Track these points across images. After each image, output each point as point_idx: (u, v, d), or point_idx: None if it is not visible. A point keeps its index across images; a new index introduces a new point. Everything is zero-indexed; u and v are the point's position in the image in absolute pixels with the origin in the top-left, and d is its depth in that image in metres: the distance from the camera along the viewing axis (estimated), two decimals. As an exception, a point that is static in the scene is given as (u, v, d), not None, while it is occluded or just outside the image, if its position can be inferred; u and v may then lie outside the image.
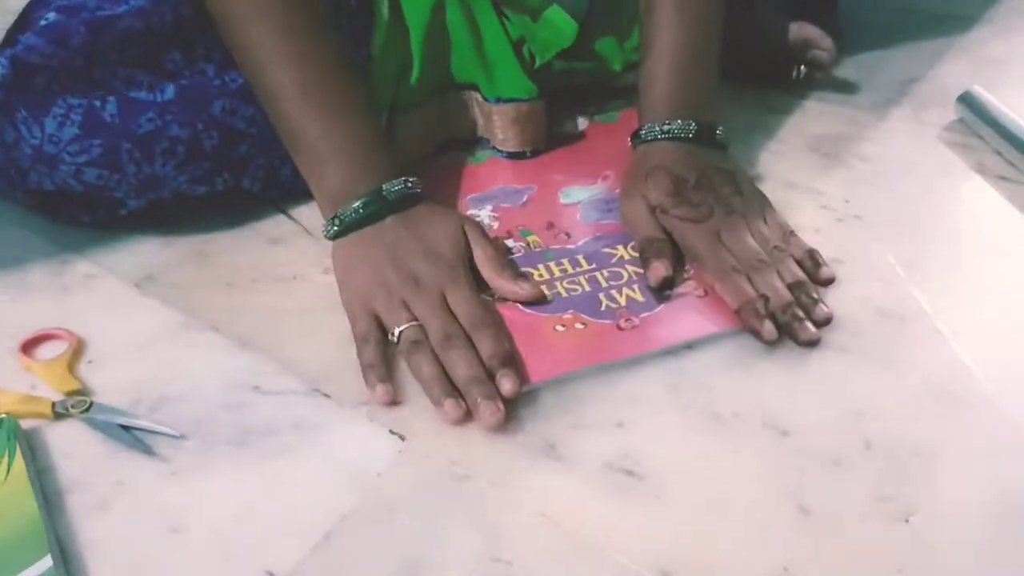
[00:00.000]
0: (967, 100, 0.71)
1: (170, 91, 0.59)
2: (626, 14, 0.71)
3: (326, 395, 0.51)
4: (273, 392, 0.51)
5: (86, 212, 0.63)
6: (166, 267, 0.61)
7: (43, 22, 0.57)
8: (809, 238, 0.60)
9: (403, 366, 0.52)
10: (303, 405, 0.50)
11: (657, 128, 0.61)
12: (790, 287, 0.54)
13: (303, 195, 0.65)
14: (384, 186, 0.56)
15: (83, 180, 0.59)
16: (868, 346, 0.53)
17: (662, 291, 0.55)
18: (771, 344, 0.52)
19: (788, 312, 0.53)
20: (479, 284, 0.55)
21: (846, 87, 0.78)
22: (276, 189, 0.65)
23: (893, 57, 0.82)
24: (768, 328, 0.52)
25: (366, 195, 0.55)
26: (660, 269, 0.55)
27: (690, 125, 0.60)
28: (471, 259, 0.56)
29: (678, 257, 0.57)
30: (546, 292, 0.55)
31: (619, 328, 0.53)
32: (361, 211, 0.55)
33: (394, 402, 0.50)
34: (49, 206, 0.63)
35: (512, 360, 0.50)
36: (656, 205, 0.58)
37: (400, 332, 0.51)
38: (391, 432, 0.49)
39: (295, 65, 0.56)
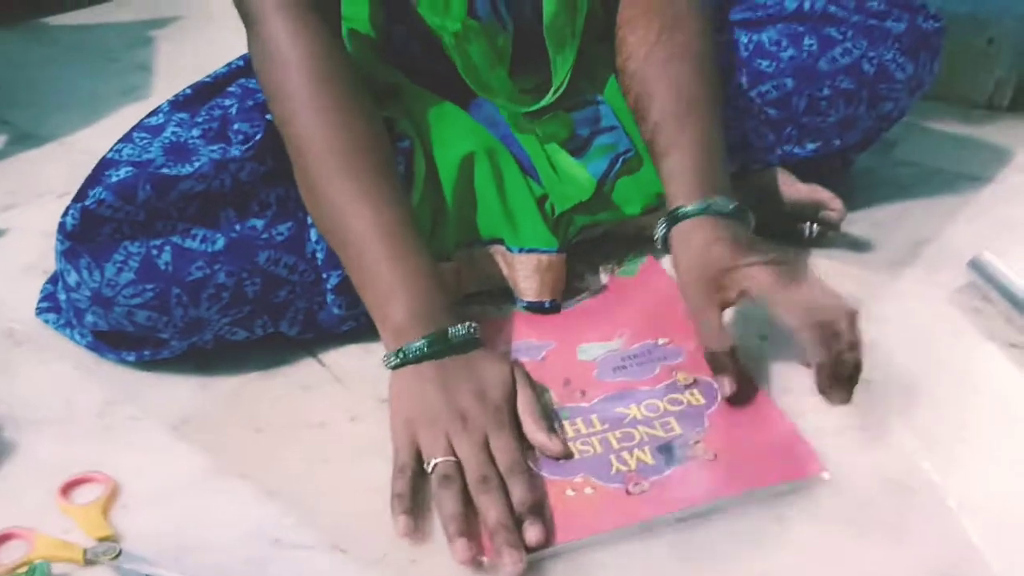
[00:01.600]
0: (977, 265, 0.73)
1: (220, 242, 0.64)
2: (647, 158, 0.76)
3: (343, 551, 0.53)
4: (292, 546, 0.53)
5: (133, 352, 0.67)
6: (201, 410, 0.64)
7: (114, 177, 0.63)
8: (817, 401, 0.61)
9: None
10: (320, 561, 0.52)
11: (700, 205, 0.63)
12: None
13: (338, 340, 0.69)
14: (450, 329, 0.59)
15: (134, 321, 0.63)
16: (876, 519, 0.53)
17: (734, 401, 0.60)
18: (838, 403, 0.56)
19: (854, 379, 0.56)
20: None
21: (858, 246, 0.80)
22: (313, 332, 0.69)
23: (907, 216, 0.85)
24: (845, 398, 0.56)
25: (432, 334, 0.58)
26: (727, 386, 0.60)
27: (728, 204, 0.63)
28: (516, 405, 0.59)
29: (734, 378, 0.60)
30: (573, 450, 0.57)
31: (628, 493, 0.54)
32: (425, 349, 0.58)
33: (412, 535, 0.52)
34: (99, 346, 0.67)
35: (541, 510, 0.52)
36: (726, 268, 0.59)
37: (436, 464, 0.54)
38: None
39: (370, 211, 0.61)
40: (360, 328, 0.68)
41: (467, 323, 0.60)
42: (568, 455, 0.57)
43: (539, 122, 0.75)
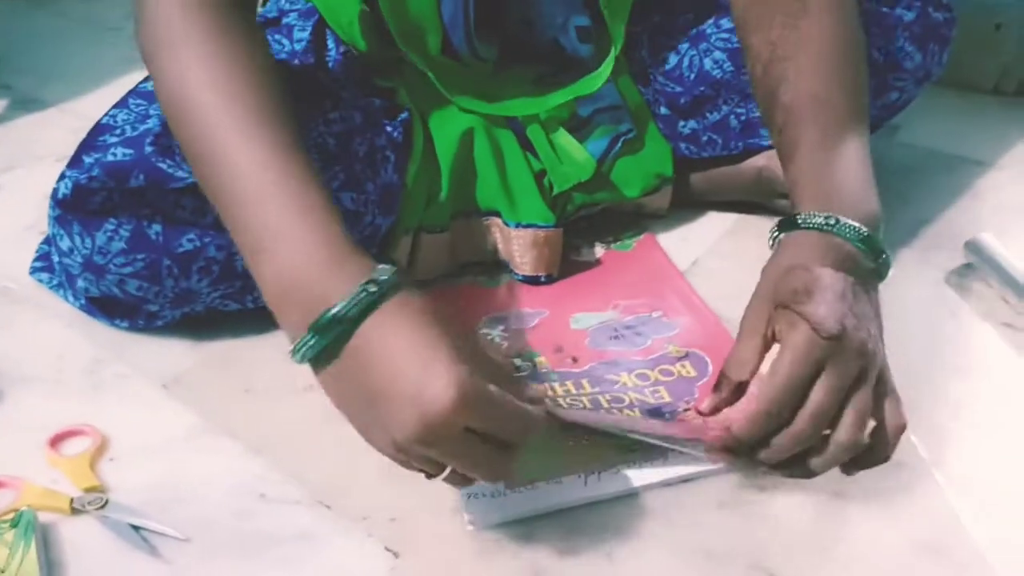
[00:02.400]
0: (973, 247, 0.72)
1: (211, 217, 0.62)
2: (649, 140, 0.75)
3: (327, 507, 0.53)
4: (278, 501, 0.53)
5: (126, 319, 0.67)
6: (192, 370, 0.64)
7: (110, 157, 0.61)
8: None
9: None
10: (305, 516, 0.52)
11: (819, 219, 0.51)
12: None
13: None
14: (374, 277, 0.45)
15: (125, 289, 0.63)
16: (864, 492, 0.53)
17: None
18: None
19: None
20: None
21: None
22: None
23: (907, 198, 0.84)
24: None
25: (325, 320, 0.44)
26: (711, 403, 0.52)
27: (860, 231, 0.51)
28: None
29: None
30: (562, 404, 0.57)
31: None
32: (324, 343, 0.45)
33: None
34: (92, 310, 0.67)
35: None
36: (779, 303, 0.49)
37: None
38: (386, 549, 0.50)
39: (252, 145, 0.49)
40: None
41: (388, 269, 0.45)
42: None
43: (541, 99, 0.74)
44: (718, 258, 0.75)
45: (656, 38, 0.78)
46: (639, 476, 0.53)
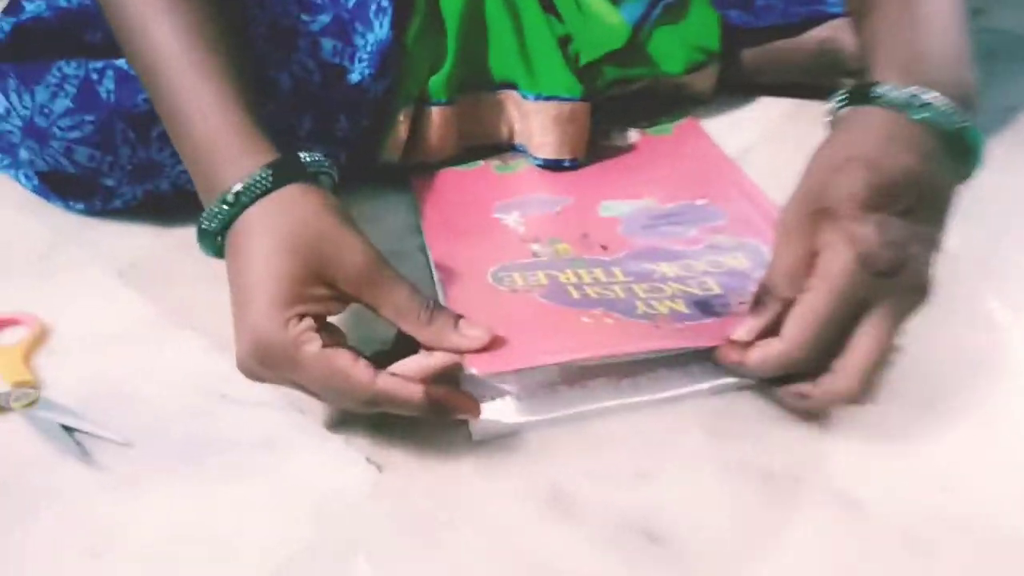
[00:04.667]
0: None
1: None
2: (694, 6, 0.64)
3: (301, 411, 0.44)
4: (242, 402, 0.44)
5: (81, 200, 0.57)
6: (153, 257, 0.55)
7: (62, 1, 0.53)
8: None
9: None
10: (273, 421, 0.43)
11: (899, 93, 0.40)
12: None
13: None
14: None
15: (74, 160, 0.54)
16: (959, 404, 0.43)
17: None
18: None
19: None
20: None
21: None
22: None
23: (992, 83, 0.72)
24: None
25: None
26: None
27: (952, 114, 0.40)
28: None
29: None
30: (591, 293, 0.46)
31: (657, 328, 0.44)
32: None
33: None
34: (45, 191, 0.58)
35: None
36: (828, 207, 0.39)
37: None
38: (368, 461, 0.41)
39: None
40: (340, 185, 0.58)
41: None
42: (493, 341, 0.41)
43: None
44: (776, 143, 0.64)
45: None
46: (684, 379, 0.43)
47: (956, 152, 0.41)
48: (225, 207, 0.40)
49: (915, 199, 0.39)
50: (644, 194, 0.58)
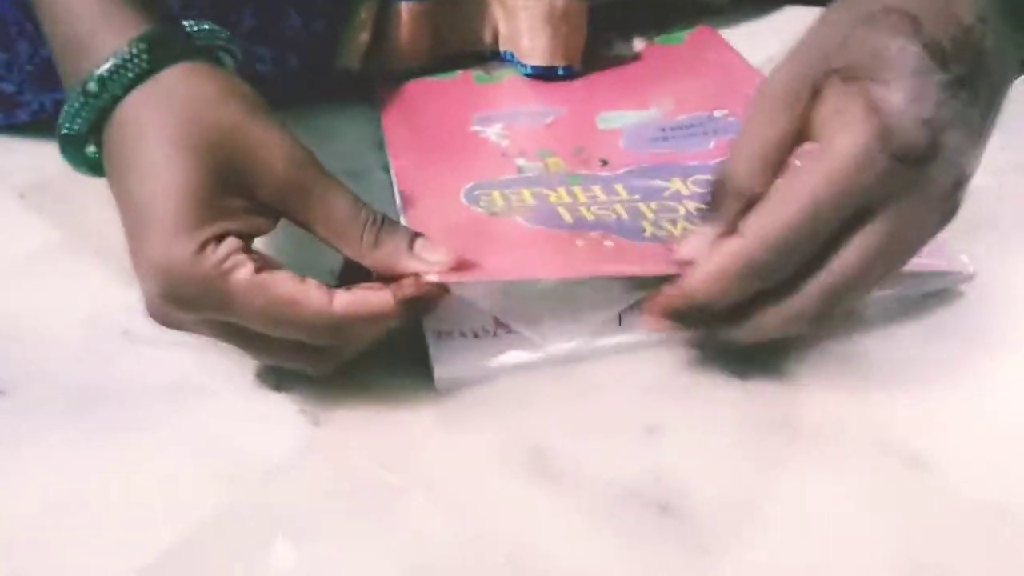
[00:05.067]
0: None
1: None
2: None
3: (222, 350, 0.35)
4: (148, 341, 0.35)
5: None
6: (59, 177, 0.45)
7: None
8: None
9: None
10: (186, 362, 0.34)
11: None
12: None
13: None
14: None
15: (-36, 60, 0.45)
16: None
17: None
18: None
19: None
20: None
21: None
22: None
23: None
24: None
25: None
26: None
27: None
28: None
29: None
30: (587, 214, 0.37)
31: (670, 251, 0.33)
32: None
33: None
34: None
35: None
36: (843, 67, 0.29)
37: None
38: (301, 412, 0.32)
39: None
40: (292, 97, 0.50)
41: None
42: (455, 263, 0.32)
43: None
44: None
45: None
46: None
47: (1018, 19, 0.31)
48: (89, 100, 0.30)
49: (966, 71, 0.28)
50: (651, 104, 0.48)
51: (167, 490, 0.30)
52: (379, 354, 0.32)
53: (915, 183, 0.27)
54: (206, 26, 0.33)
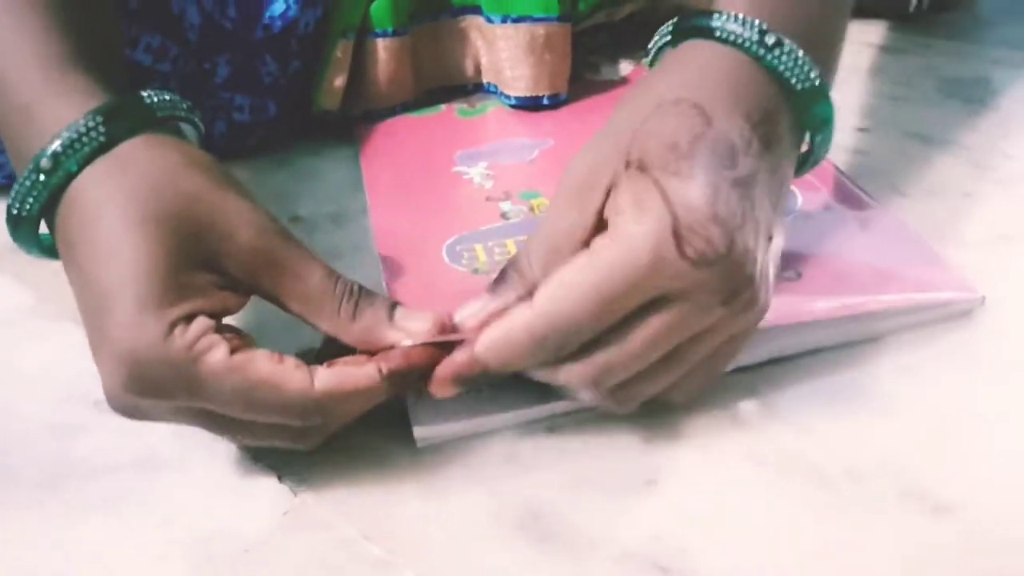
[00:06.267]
0: None
1: None
2: None
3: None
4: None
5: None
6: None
7: None
8: (957, 204, 0.40)
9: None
10: (159, 432, 0.33)
11: (743, 28, 0.29)
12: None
13: (253, 162, 0.48)
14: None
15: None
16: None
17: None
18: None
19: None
20: None
21: (984, 25, 0.58)
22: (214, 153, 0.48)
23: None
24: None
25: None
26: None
27: (807, 70, 0.29)
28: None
29: None
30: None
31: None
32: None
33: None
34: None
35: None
36: (639, 159, 0.28)
37: None
38: (280, 481, 0.31)
39: None
40: (271, 140, 0.48)
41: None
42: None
43: None
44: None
45: None
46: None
47: (797, 118, 0.30)
48: (42, 177, 0.28)
49: (755, 168, 0.28)
50: (640, 131, 0.47)
51: (141, 572, 0.28)
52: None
53: (705, 281, 0.26)
54: (167, 96, 0.31)
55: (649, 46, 0.35)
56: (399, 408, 0.31)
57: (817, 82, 0.29)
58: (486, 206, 0.42)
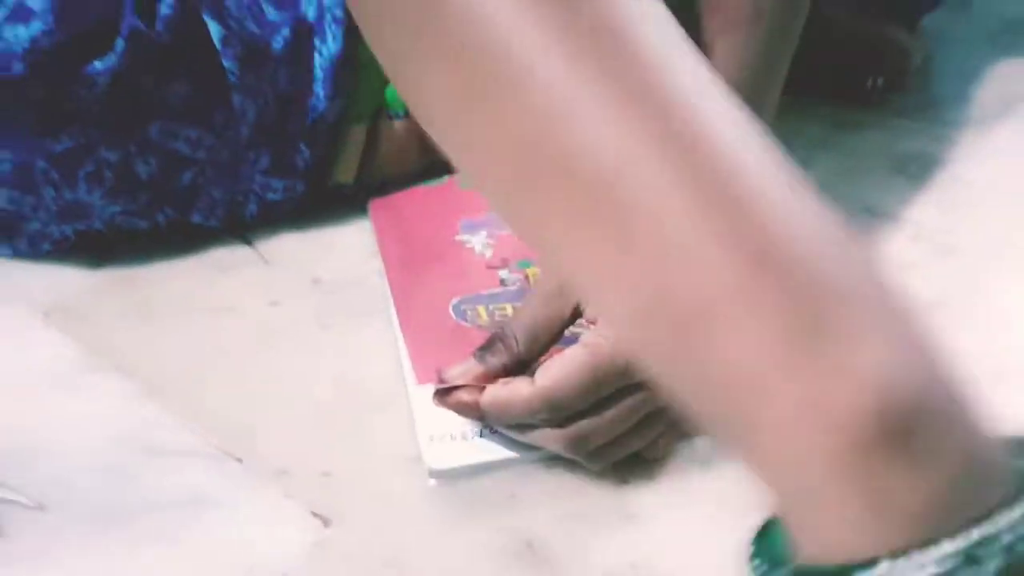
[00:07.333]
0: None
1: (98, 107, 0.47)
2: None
3: (237, 459, 0.38)
4: (169, 453, 0.39)
5: (7, 244, 0.52)
6: (82, 296, 0.49)
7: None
8: (896, 275, 0.45)
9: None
10: (203, 472, 0.38)
11: None
12: None
13: (276, 229, 0.53)
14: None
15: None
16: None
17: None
18: None
19: None
20: None
21: (938, 103, 0.64)
22: (242, 228, 0.53)
23: (994, 72, 0.68)
24: None
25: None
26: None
27: None
28: None
29: None
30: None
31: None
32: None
33: None
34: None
35: None
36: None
37: None
38: (313, 515, 0.35)
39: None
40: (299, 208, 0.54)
41: None
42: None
43: None
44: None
45: None
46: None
47: None
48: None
49: None
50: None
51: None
52: (376, 458, 0.35)
53: None
54: None
55: None
56: (414, 453, 0.36)
57: None
58: (486, 273, 0.47)
